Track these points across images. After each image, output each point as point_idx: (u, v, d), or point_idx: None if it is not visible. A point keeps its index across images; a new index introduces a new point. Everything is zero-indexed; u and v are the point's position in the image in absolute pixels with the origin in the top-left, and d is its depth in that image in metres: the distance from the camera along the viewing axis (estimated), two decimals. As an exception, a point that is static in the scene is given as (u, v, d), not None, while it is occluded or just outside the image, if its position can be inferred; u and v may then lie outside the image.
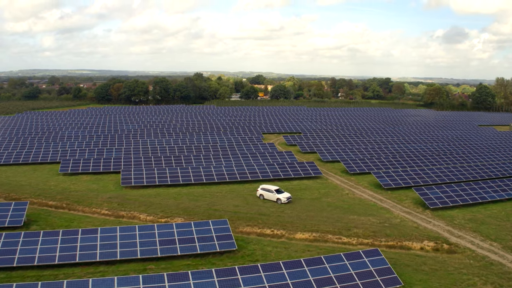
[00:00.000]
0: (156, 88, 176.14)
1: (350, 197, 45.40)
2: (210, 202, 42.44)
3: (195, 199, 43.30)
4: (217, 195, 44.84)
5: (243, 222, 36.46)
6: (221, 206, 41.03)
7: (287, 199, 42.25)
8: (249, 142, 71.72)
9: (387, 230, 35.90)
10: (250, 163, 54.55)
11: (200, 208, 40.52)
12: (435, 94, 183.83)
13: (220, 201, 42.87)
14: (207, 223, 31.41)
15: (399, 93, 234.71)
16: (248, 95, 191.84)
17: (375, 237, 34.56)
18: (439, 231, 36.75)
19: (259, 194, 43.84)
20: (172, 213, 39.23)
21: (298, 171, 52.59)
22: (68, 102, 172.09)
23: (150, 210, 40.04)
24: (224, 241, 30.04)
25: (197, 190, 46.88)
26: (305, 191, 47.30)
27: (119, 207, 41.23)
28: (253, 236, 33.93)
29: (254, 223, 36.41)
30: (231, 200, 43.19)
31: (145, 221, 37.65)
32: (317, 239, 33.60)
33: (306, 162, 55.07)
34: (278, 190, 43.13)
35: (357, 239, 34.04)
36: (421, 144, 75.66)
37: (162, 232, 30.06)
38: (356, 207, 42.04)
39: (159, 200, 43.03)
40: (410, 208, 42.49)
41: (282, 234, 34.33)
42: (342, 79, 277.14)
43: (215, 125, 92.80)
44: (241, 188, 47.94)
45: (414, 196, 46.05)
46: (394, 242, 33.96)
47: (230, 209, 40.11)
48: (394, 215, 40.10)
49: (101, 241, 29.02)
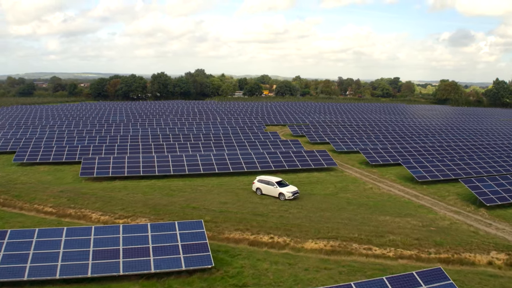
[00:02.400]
0: (155, 84, 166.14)
1: (376, 193, 34.64)
2: (189, 198, 31.89)
3: (171, 194, 32.79)
4: (201, 190, 34.28)
5: (231, 226, 25.86)
6: (203, 203, 30.44)
7: (292, 195, 31.58)
8: (248, 131, 61.12)
9: (435, 237, 25.11)
10: (247, 151, 43.94)
11: (175, 205, 29.96)
12: (450, 90, 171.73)
13: (203, 196, 32.29)
14: (171, 225, 20.83)
15: (409, 92, 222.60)
16: (252, 91, 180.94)
17: (420, 247, 23.81)
18: (506, 237, 26.00)
19: (256, 188, 33.23)
20: (136, 211, 28.74)
21: (306, 161, 41.87)
22: (63, 99, 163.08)
23: (107, 208, 29.59)
24: (195, 253, 19.46)
25: (176, 183, 36.40)
26: (316, 185, 36.63)
27: (69, 203, 30.87)
28: (243, 245, 23.33)
29: (246, 226, 25.78)
30: (217, 195, 32.58)
31: (96, 222, 27.29)
32: (336, 250, 22.93)
33: (316, 151, 44.34)
34: (281, 183, 32.52)
35: (394, 250, 23.31)
36: (448, 135, 64.53)
37: (101, 239, 19.53)
38: (386, 205, 31.26)
39: (124, 195, 32.60)
40: (458, 206, 31.68)
41: (286, 242, 23.67)
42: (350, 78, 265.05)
43: (212, 115, 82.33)
44: (233, 181, 37.35)
45: (459, 191, 35.30)
46: (449, 254, 23.24)
47: (214, 207, 29.52)
48: (439, 216, 29.28)
49: (5, 251, 18.60)
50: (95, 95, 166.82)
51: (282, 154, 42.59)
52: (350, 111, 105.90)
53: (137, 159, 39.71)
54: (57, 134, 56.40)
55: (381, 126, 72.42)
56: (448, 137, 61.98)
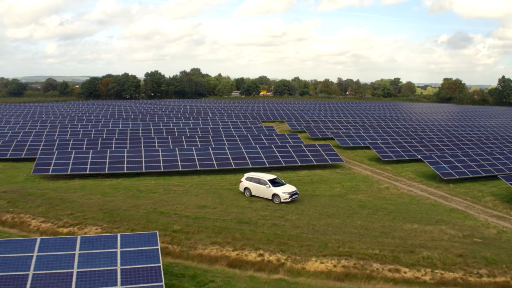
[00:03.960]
0: (148, 82, 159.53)
1: (394, 193, 27.98)
2: (159, 200, 25.20)
3: (137, 196, 26.12)
4: (176, 190, 27.56)
5: (207, 237, 19.19)
6: (176, 208, 23.75)
7: (290, 196, 24.87)
8: (240, 125, 54.49)
9: (484, 251, 18.49)
10: (237, 145, 37.28)
11: (139, 210, 23.30)
12: (455, 88, 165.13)
13: (176, 198, 25.60)
14: (109, 240, 14.16)
15: (410, 92, 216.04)
16: (249, 91, 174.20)
17: (466, 266, 17.21)
18: None
19: (243, 188, 26.51)
20: (87, 217, 22.07)
21: (307, 157, 35.23)
22: (54, 98, 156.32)
23: (52, 213, 22.94)
24: (141, 283, 12.81)
25: (147, 182, 29.72)
26: (320, 184, 29.97)
27: (8, 206, 24.31)
28: (220, 266, 16.67)
29: (226, 238, 19.11)
30: (195, 197, 25.89)
31: (35, 231, 20.69)
32: (351, 273, 16.30)
33: (319, 145, 37.68)
34: (275, 181, 25.86)
35: (431, 271, 16.71)
36: (464, 130, 57.97)
37: (3, 260, 12.87)
38: (410, 208, 24.59)
39: (78, 197, 25.91)
40: (499, 210, 25.06)
41: (280, 262, 17.01)
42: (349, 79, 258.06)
43: (204, 112, 75.65)
44: (218, 180, 30.68)
45: (494, 191, 28.80)
46: (507, 276, 16.67)
47: (189, 213, 22.83)
48: (480, 222, 22.61)
49: None
50: (86, 95, 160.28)
51: (279, 148, 35.97)
52: (353, 108, 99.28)
53: (104, 154, 33.06)
54: (27, 133, 49.67)
55: (388, 121, 65.79)
56: (466, 131, 55.50)
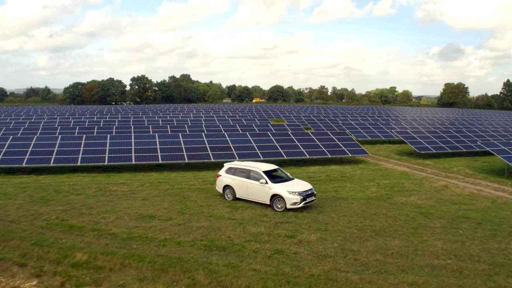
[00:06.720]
0: (134, 87, 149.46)
1: (461, 194, 17.74)
2: (78, 206, 14.84)
3: (47, 199, 15.72)
4: (114, 192, 17.23)
5: (134, 282, 8.99)
6: (99, 219, 13.43)
7: (302, 199, 14.41)
8: (227, 118, 44.51)
9: None
10: (220, 133, 27.16)
11: (36, 222, 12.98)
12: (458, 93, 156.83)
13: (109, 204, 15.26)
14: None
15: (408, 100, 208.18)
16: (241, 97, 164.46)
17: None
18: None
19: (223, 187, 16.15)
20: None
21: (317, 147, 25.18)
22: (35, 104, 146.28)
23: None
24: None
25: (78, 179, 19.42)
26: (343, 183, 19.80)
27: None
28: None
29: (177, 286, 8.94)
30: (141, 202, 15.58)
31: None
32: None
33: (332, 133, 27.74)
34: (273, 175, 15.65)
35: None
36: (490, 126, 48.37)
37: None
38: (506, 216, 14.53)
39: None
40: None
41: None
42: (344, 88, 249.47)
43: (187, 108, 65.68)
44: (186, 178, 20.46)
45: None
46: None
47: (118, 229, 12.56)
48: None
49: None
50: (70, 100, 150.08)
51: (277, 137, 25.94)
52: (356, 111, 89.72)
53: (28, 142, 22.85)
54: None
55: (407, 117, 56.19)
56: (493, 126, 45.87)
